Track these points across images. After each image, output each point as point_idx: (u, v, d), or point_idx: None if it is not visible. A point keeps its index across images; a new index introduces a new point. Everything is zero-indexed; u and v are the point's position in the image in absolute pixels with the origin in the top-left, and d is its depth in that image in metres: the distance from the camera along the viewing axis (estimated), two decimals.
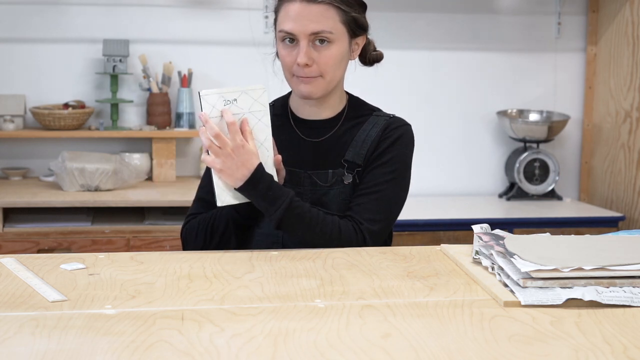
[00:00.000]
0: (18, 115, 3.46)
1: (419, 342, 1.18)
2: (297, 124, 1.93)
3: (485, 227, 1.71)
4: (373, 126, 1.90)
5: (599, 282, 1.41)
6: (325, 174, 1.87)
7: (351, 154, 1.88)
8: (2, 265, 1.58)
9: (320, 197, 1.86)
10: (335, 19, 1.81)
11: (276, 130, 1.88)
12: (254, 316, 1.29)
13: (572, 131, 3.94)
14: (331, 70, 1.82)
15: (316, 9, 1.79)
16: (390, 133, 1.88)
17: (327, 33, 1.80)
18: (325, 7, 1.80)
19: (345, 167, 1.87)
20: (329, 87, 1.85)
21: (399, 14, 3.76)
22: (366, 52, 1.96)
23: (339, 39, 1.82)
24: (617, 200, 3.69)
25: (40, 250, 3.05)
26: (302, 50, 1.80)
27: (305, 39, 1.80)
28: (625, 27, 3.62)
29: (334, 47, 1.81)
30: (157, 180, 3.53)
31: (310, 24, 1.79)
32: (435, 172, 3.84)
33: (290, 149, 1.88)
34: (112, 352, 1.13)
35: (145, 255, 1.68)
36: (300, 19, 1.79)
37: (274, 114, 1.93)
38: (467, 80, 3.86)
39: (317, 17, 1.79)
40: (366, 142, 1.88)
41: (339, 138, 1.90)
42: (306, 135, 1.91)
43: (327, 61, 1.81)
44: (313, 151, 1.89)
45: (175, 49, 3.62)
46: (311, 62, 1.80)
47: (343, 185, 1.86)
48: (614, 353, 1.15)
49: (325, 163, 1.88)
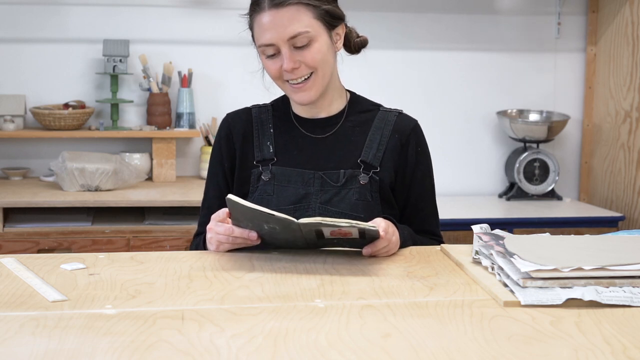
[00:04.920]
0: (18, 115, 3.46)
1: (419, 342, 1.18)
2: (299, 123, 1.91)
3: (485, 227, 1.71)
4: (385, 124, 1.90)
5: (599, 282, 1.41)
6: (336, 174, 1.85)
7: (369, 155, 1.86)
8: (3, 265, 1.58)
9: (331, 197, 1.84)
10: (308, 15, 1.77)
11: (277, 130, 1.88)
12: (254, 316, 1.29)
13: (572, 131, 3.94)
14: (320, 64, 1.80)
15: (286, 13, 1.76)
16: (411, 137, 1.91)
17: (304, 33, 1.76)
18: (295, 7, 1.76)
19: (361, 167, 1.86)
20: (324, 81, 1.83)
21: (399, 14, 3.76)
22: (350, 41, 1.92)
23: (318, 34, 1.79)
24: (617, 200, 3.69)
25: (41, 250, 3.05)
26: (286, 56, 1.77)
27: (285, 45, 1.77)
28: (625, 27, 3.62)
29: (316, 44, 1.78)
30: (157, 180, 3.53)
31: (285, 29, 1.75)
32: (435, 171, 3.81)
33: (294, 149, 1.87)
34: (112, 352, 1.13)
35: (145, 255, 1.68)
36: (274, 27, 1.76)
37: (274, 115, 1.93)
38: (467, 80, 3.86)
39: (290, 21, 1.75)
40: (382, 143, 1.88)
41: (346, 135, 1.89)
42: (310, 133, 1.90)
43: (314, 57, 1.78)
44: (319, 149, 1.88)
45: (175, 49, 3.62)
46: (298, 64, 1.78)
47: (358, 185, 1.84)
48: (613, 353, 1.15)
49: (334, 162, 1.86)
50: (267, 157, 1.88)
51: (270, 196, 1.84)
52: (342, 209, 1.82)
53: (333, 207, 1.83)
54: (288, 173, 1.85)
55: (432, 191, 1.96)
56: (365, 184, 1.85)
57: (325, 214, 1.81)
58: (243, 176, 1.90)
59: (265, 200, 1.84)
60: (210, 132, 3.60)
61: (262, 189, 1.85)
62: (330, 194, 1.84)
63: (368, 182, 1.85)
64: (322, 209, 1.83)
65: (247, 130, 1.91)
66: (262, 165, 1.88)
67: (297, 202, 1.83)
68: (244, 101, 2.12)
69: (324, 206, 1.82)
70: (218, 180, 1.92)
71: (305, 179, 1.84)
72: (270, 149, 1.88)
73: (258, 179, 1.87)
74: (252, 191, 1.88)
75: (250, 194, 1.88)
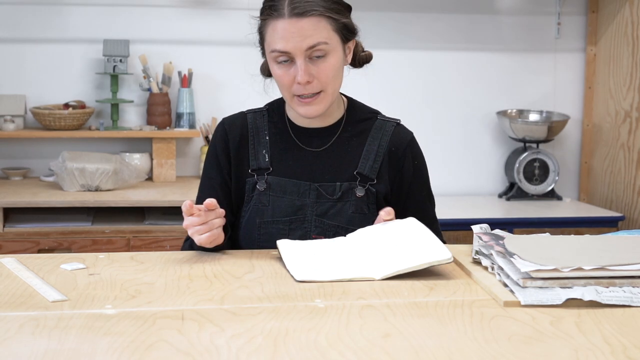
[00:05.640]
0: (18, 115, 3.46)
1: (419, 342, 1.18)
2: (296, 133, 1.87)
3: (485, 227, 1.71)
4: (382, 135, 1.87)
5: (599, 282, 1.41)
6: (332, 187, 1.82)
7: (365, 167, 1.84)
8: (3, 265, 1.58)
9: (327, 210, 1.81)
10: (328, 28, 1.74)
11: (273, 138, 1.86)
12: (254, 316, 1.29)
13: (572, 131, 3.94)
14: (332, 82, 1.77)
15: (307, 23, 1.71)
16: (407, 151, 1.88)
17: (322, 45, 1.72)
18: (316, 18, 1.72)
19: (357, 179, 1.84)
20: (332, 98, 1.80)
21: (399, 14, 3.76)
22: (355, 54, 1.89)
23: (334, 48, 1.75)
24: (617, 200, 3.69)
25: (41, 250, 3.05)
26: (301, 68, 1.72)
27: (301, 55, 1.72)
28: (625, 27, 3.62)
29: (331, 58, 1.75)
30: (157, 180, 3.53)
31: (304, 39, 1.71)
32: (435, 172, 3.79)
33: (290, 159, 1.84)
34: (112, 352, 1.13)
35: (145, 255, 1.68)
36: (292, 36, 1.71)
37: (269, 120, 1.89)
38: (467, 81, 3.86)
39: (310, 31, 1.71)
40: (379, 154, 1.85)
41: (342, 147, 1.86)
42: (306, 145, 1.86)
43: (327, 73, 1.75)
44: (315, 162, 1.85)
45: (175, 49, 3.62)
46: (311, 78, 1.74)
47: (355, 198, 1.82)
48: (613, 353, 1.15)
49: (330, 173, 1.83)
50: (263, 166, 1.85)
51: (265, 207, 1.82)
52: (338, 222, 1.81)
53: (329, 220, 1.81)
54: (284, 184, 1.81)
55: (431, 202, 1.94)
56: (362, 197, 1.83)
57: (321, 227, 1.80)
58: (237, 184, 1.87)
59: (260, 211, 1.82)
60: (210, 132, 3.60)
61: (257, 199, 1.82)
62: (327, 206, 1.82)
63: (365, 194, 1.83)
64: (318, 221, 1.81)
65: (242, 137, 1.87)
66: (258, 174, 1.85)
67: (292, 214, 1.81)
68: (244, 101, 2.13)
69: (319, 219, 1.80)
70: (214, 185, 1.87)
71: (301, 190, 1.81)
72: (266, 157, 1.85)
73: (253, 189, 1.84)
74: (247, 201, 1.85)
75: (245, 203, 1.85)
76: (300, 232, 1.81)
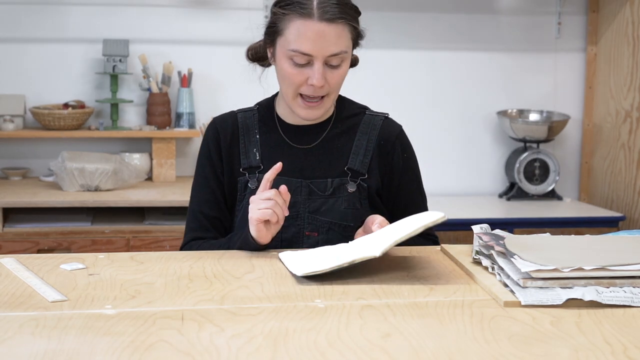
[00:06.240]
0: (18, 115, 3.46)
1: (419, 342, 1.18)
2: (285, 130, 1.88)
3: (485, 227, 1.71)
4: (371, 129, 1.88)
5: (599, 282, 1.41)
6: (323, 183, 1.83)
7: (355, 162, 1.85)
8: (2, 265, 1.57)
9: (319, 207, 1.82)
10: (348, 36, 1.76)
11: (263, 136, 1.86)
12: (254, 316, 1.29)
13: (572, 131, 3.94)
14: (338, 87, 1.80)
15: (334, 29, 1.72)
16: (396, 144, 1.87)
17: (343, 54, 1.75)
18: (342, 26, 1.73)
19: (348, 175, 1.84)
20: (333, 102, 1.82)
21: (398, 14, 3.76)
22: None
23: (348, 56, 1.78)
24: (617, 200, 3.69)
25: (40, 250, 3.05)
26: (318, 71, 1.73)
27: (321, 59, 1.73)
28: (625, 27, 3.62)
29: (345, 65, 1.77)
30: (157, 180, 3.53)
31: (330, 45, 1.72)
32: (435, 172, 3.84)
33: (279, 157, 1.83)
34: (112, 352, 1.12)
35: (145, 255, 1.68)
36: (320, 41, 1.71)
37: (259, 119, 1.89)
38: (467, 80, 3.86)
39: (335, 38, 1.72)
40: (369, 149, 1.86)
41: (332, 143, 1.86)
42: (295, 142, 1.87)
43: (338, 80, 1.77)
44: (305, 159, 1.85)
45: (175, 49, 3.62)
46: (325, 82, 1.75)
47: (346, 193, 1.83)
48: (614, 353, 1.14)
49: (321, 170, 1.84)
50: (254, 164, 1.85)
51: None
52: (331, 218, 1.81)
53: (322, 216, 1.81)
54: (275, 181, 1.79)
55: (422, 194, 1.94)
56: (354, 192, 1.83)
57: (314, 223, 1.80)
58: (229, 183, 1.87)
59: None
60: None
61: (249, 197, 1.80)
62: (319, 203, 1.82)
63: (356, 189, 1.83)
64: (311, 218, 1.81)
65: (233, 135, 1.88)
66: (249, 172, 1.85)
67: None
68: (244, 101, 2.12)
69: (312, 215, 1.81)
70: (210, 184, 1.88)
71: (293, 187, 1.81)
72: (256, 156, 1.86)
73: (245, 187, 1.85)
74: (240, 199, 1.86)
75: (238, 202, 1.86)
76: (293, 230, 1.81)
